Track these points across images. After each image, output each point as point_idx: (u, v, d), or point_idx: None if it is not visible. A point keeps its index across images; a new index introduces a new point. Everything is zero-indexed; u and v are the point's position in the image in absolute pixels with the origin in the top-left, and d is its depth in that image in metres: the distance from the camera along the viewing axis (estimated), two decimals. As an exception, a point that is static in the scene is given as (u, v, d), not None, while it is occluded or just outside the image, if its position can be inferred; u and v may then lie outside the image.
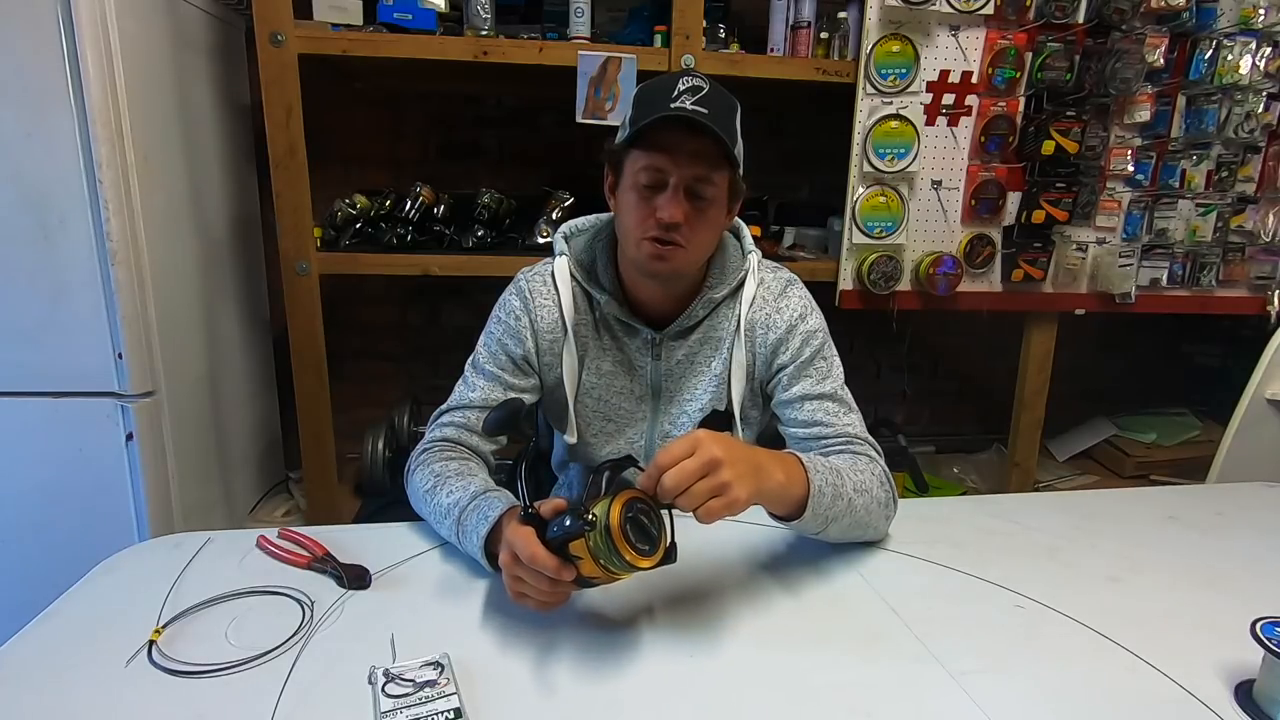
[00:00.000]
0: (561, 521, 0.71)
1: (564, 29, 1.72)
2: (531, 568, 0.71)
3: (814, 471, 0.85)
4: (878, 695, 0.71)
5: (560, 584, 0.72)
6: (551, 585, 0.72)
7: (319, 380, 1.80)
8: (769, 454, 0.84)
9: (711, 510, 0.71)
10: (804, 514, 0.84)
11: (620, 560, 0.69)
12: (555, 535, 0.71)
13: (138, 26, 1.52)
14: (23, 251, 1.45)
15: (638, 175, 0.93)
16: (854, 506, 0.89)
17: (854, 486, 0.90)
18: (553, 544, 0.71)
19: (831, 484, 0.86)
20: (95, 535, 1.58)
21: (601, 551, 0.69)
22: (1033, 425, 2.12)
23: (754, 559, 0.94)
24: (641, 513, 0.71)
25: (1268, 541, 1.05)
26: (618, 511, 0.69)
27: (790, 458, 0.87)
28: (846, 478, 0.89)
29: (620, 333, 1.06)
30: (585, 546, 0.70)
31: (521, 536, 0.72)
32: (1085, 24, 1.79)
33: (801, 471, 0.85)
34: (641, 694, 0.71)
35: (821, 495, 0.85)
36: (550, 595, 0.74)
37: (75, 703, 0.68)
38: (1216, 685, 0.73)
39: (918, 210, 1.87)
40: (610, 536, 0.68)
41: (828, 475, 0.87)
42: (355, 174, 2.16)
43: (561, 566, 0.71)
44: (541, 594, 0.74)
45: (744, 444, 0.81)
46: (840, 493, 0.87)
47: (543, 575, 0.72)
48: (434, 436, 1.02)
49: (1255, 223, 2.01)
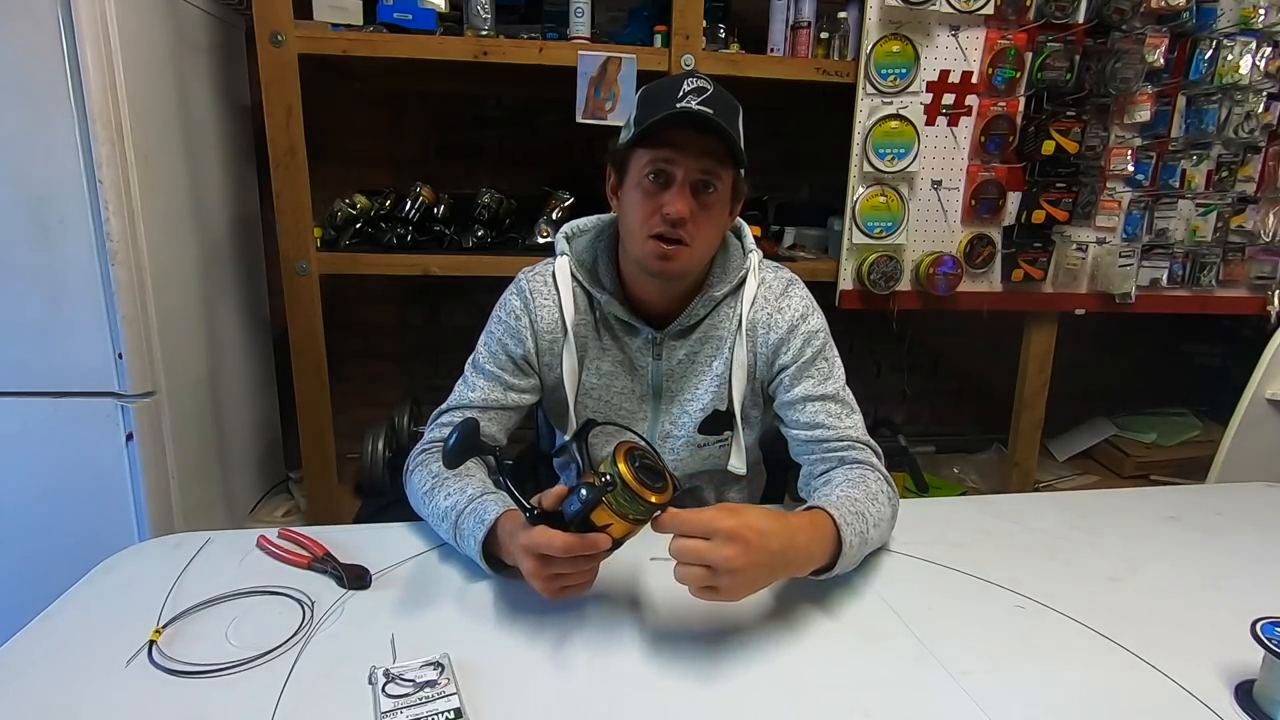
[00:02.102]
0: (576, 497, 0.73)
1: (564, 29, 1.72)
2: (567, 556, 0.73)
3: (845, 528, 0.83)
4: (878, 695, 0.71)
5: (598, 557, 0.75)
6: (590, 562, 0.76)
7: (319, 380, 1.80)
8: (803, 531, 0.81)
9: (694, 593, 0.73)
10: (834, 569, 0.84)
11: (643, 505, 0.72)
12: (577, 511, 0.73)
13: (138, 26, 1.52)
14: (23, 251, 1.45)
15: (644, 172, 0.93)
16: (869, 542, 0.89)
17: (873, 522, 0.89)
18: (575, 522, 0.73)
19: (859, 533, 0.85)
20: (95, 535, 1.58)
21: (625, 506, 0.72)
22: (1033, 425, 2.12)
23: (754, 559, 0.94)
24: (643, 457, 0.74)
25: (1268, 541, 1.05)
26: (624, 463, 0.72)
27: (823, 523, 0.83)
28: (869, 516, 0.88)
29: (621, 332, 1.06)
30: (609, 510, 0.72)
31: (542, 535, 0.73)
32: (1085, 24, 1.79)
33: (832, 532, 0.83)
34: (641, 693, 0.71)
35: (850, 548, 0.83)
36: (592, 573, 0.78)
37: (75, 703, 0.68)
38: (1216, 685, 0.73)
39: (918, 210, 1.87)
40: (629, 488, 0.71)
41: (855, 524, 0.85)
42: (355, 174, 2.16)
43: (596, 538, 0.73)
44: (585, 575, 0.77)
45: (777, 531, 0.76)
46: (865, 538, 0.87)
47: (578, 559, 0.74)
48: (433, 436, 1.02)
49: (1255, 223, 2.01)
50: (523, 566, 0.77)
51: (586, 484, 0.72)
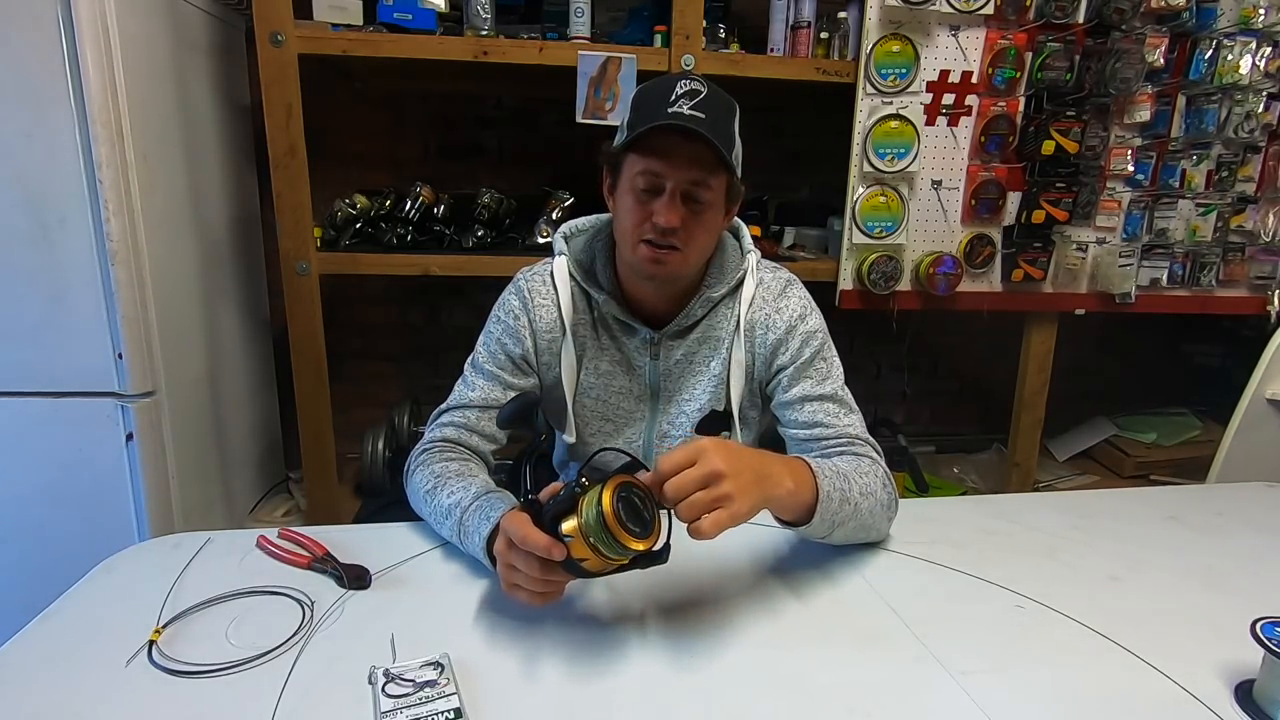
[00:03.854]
0: (556, 497, 0.72)
1: (564, 29, 1.72)
2: (522, 549, 0.70)
3: (822, 476, 0.85)
4: (878, 695, 0.71)
5: (551, 569, 0.71)
6: (543, 568, 0.71)
7: (319, 380, 1.80)
8: (777, 460, 0.83)
9: (713, 522, 0.69)
10: (813, 519, 0.84)
11: (609, 538, 0.68)
12: (548, 510, 0.71)
13: (138, 26, 1.52)
14: (23, 251, 1.45)
15: (634, 180, 0.93)
16: (860, 510, 0.89)
17: (860, 490, 0.89)
18: (545, 522, 0.71)
19: (839, 488, 0.86)
20: (95, 535, 1.58)
21: (592, 530, 0.68)
22: (1033, 425, 2.12)
23: (754, 559, 0.94)
24: (636, 498, 0.71)
25: (1268, 541, 1.05)
26: (610, 491, 0.68)
27: (798, 462, 0.86)
28: (853, 481, 0.89)
29: (619, 332, 1.06)
30: (577, 527, 0.69)
31: (515, 520, 0.72)
32: (1085, 24, 1.79)
33: (810, 476, 0.84)
34: (641, 694, 0.71)
35: (830, 500, 0.84)
36: (542, 583, 0.72)
37: (75, 703, 0.68)
38: (1216, 685, 0.73)
39: (918, 210, 1.87)
40: (601, 513, 0.67)
41: (835, 480, 0.86)
42: (355, 174, 2.16)
43: (552, 544, 0.69)
44: (533, 581, 0.72)
45: (750, 451, 0.79)
46: (847, 497, 0.87)
47: (533, 559, 0.70)
48: (433, 436, 1.02)
49: (1255, 223, 2.01)
50: (495, 544, 0.76)
51: (572, 487, 0.71)
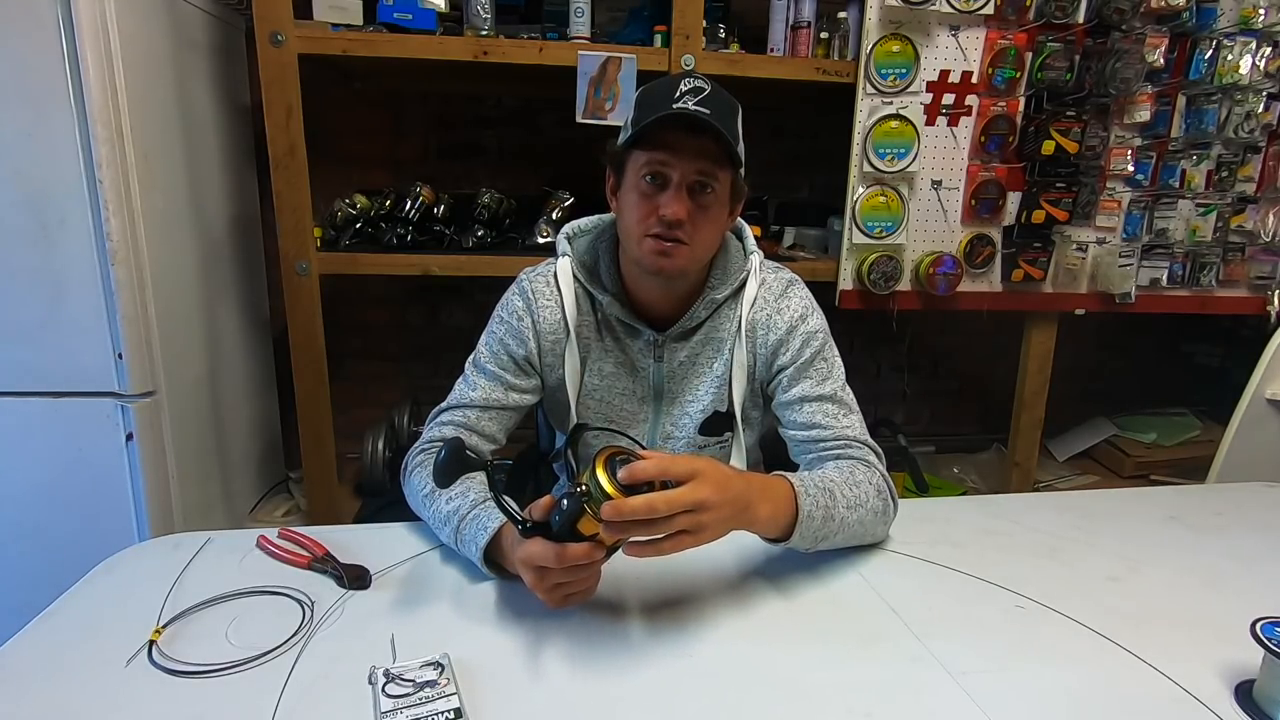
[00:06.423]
0: (559, 509, 0.72)
1: (564, 29, 1.72)
2: (564, 567, 0.73)
3: (804, 495, 0.85)
4: (878, 695, 0.71)
5: (595, 564, 0.75)
6: (587, 569, 0.75)
7: (319, 380, 1.80)
8: (760, 486, 0.83)
9: (674, 545, 0.72)
10: (792, 537, 0.85)
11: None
12: (561, 524, 0.72)
13: (138, 26, 1.52)
14: (23, 251, 1.45)
15: (640, 174, 0.93)
16: (846, 524, 0.89)
17: (847, 504, 0.89)
18: (563, 533, 0.73)
19: (823, 506, 0.86)
20: (95, 535, 1.58)
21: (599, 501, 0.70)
22: (1033, 425, 2.12)
23: (754, 560, 0.94)
24: (623, 464, 0.72)
25: (1268, 541, 1.05)
26: (602, 470, 0.70)
27: (781, 484, 0.86)
28: (839, 496, 0.89)
29: (622, 334, 1.06)
30: (593, 519, 0.71)
31: (539, 548, 0.74)
32: (1085, 24, 1.79)
33: (790, 499, 0.85)
34: (641, 694, 0.71)
35: (810, 520, 0.85)
36: (593, 579, 0.78)
37: (75, 703, 0.68)
38: (1216, 685, 0.73)
39: (918, 210, 1.87)
40: (608, 496, 0.70)
41: (819, 497, 0.86)
42: (355, 174, 2.16)
43: (590, 549, 0.73)
44: (586, 583, 0.77)
45: (739, 479, 0.79)
46: (831, 514, 0.87)
47: (577, 566, 0.74)
48: (432, 435, 1.02)
49: (1255, 223, 2.01)
50: (525, 579, 0.78)
51: (568, 494, 0.72)
